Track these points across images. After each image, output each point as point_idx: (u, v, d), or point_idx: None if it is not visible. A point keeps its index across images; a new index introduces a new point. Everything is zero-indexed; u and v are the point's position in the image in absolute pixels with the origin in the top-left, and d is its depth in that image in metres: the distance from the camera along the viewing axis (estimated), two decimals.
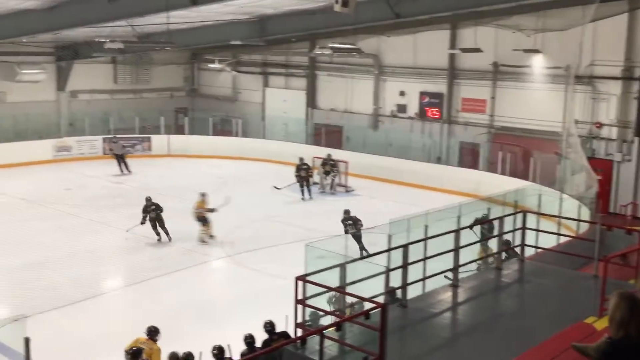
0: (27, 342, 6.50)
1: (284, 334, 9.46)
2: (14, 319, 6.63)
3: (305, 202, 23.30)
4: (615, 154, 22.54)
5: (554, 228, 15.01)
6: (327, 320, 8.84)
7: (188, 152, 31.23)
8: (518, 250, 11.93)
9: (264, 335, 9.50)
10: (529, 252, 12.15)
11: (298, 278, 8.35)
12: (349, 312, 9.19)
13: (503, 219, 11.78)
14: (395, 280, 9.69)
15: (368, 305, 7.85)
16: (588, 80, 22.88)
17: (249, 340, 9.36)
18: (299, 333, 8.34)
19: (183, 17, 20.94)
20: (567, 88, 23.09)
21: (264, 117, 33.43)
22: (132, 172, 27.26)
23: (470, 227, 12.40)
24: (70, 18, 19.26)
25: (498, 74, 25.46)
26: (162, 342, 10.19)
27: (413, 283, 9.89)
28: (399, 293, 9.76)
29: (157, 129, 32.04)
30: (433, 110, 27.64)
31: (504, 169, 24.28)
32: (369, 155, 27.82)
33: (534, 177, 22.71)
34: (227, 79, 35.08)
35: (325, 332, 7.29)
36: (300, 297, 8.34)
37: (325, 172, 25.13)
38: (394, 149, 27.98)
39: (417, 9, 22.07)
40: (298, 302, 8.34)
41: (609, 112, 22.81)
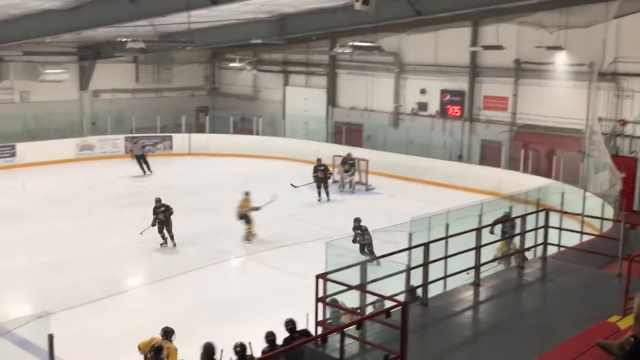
0: (50, 338, 6.56)
1: (305, 332, 9.47)
2: (38, 316, 6.69)
3: (322, 202, 23.17)
4: None
5: (577, 226, 14.87)
6: (348, 318, 8.85)
7: (209, 150, 31.37)
8: (540, 249, 11.82)
9: (285, 334, 9.52)
10: (552, 250, 12.05)
11: (319, 276, 8.36)
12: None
13: (525, 217, 11.70)
14: (416, 279, 9.66)
15: (389, 304, 7.84)
16: (611, 77, 22.65)
17: (270, 338, 9.37)
18: (320, 331, 8.35)
19: (203, 16, 21.03)
20: (590, 85, 22.89)
21: (285, 115, 33.47)
22: (152, 172, 27.33)
23: (491, 230, 12.28)
24: (93, 18, 19.41)
25: (520, 72, 25.27)
26: (183, 339, 10.24)
27: (434, 282, 9.85)
28: (420, 291, 9.74)
29: (178, 128, 32.24)
30: (454, 108, 27.52)
31: (526, 167, 24.11)
32: (390, 154, 27.77)
33: (557, 175, 22.50)
34: (247, 78, 35.18)
35: (346, 330, 7.28)
36: (321, 295, 8.34)
37: (345, 170, 25.13)
38: (415, 147, 27.89)
39: (438, 7, 21.96)
40: (319, 300, 8.35)
41: (633, 109, 22.57)
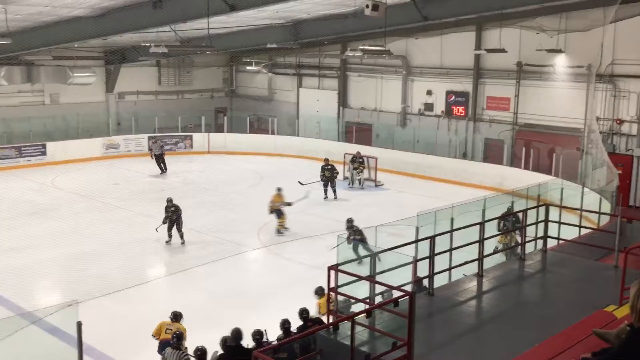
0: (79, 325, 6.61)
1: (318, 321, 9.48)
2: (68, 305, 6.74)
3: (329, 201, 22.71)
4: (636, 149, 22.16)
5: (576, 221, 14.78)
6: (358, 308, 8.85)
7: (227, 149, 31.47)
8: (541, 242, 11.77)
9: (299, 322, 9.54)
10: (552, 243, 12.00)
11: (330, 267, 8.36)
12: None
13: (526, 212, 11.65)
14: (423, 270, 9.66)
15: (397, 294, 7.84)
16: (609, 79, 22.53)
17: (286, 326, 9.39)
18: (332, 319, 8.37)
19: (222, 22, 21.08)
20: (588, 86, 22.76)
21: (298, 115, 33.46)
22: (166, 171, 26.98)
23: (500, 226, 12.16)
24: (118, 24, 19.47)
25: (522, 73, 25.14)
26: (203, 326, 10.30)
27: (439, 273, 9.84)
28: (426, 282, 9.74)
29: (198, 128, 32.33)
30: (459, 109, 27.43)
31: (528, 164, 24.00)
32: (398, 152, 27.73)
33: (557, 171, 22.41)
34: (263, 80, 35.20)
35: (356, 318, 7.29)
36: (333, 285, 8.35)
37: (355, 168, 25.12)
38: (421, 146, 27.84)
39: (444, 12, 21.89)
40: (330, 290, 8.36)
41: (630, 109, 22.41)
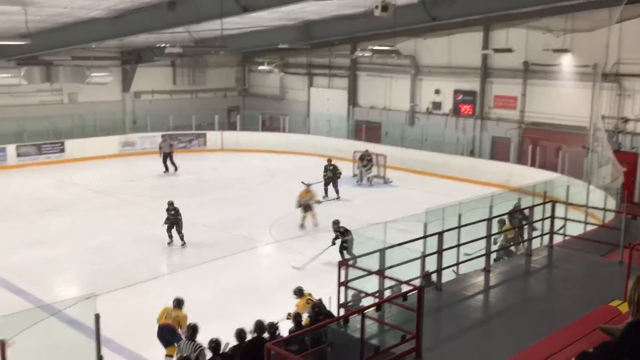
0: (97, 318, 6.65)
1: (329, 314, 9.50)
2: (86, 297, 6.78)
3: (330, 201, 21.88)
4: None
5: (582, 217, 14.71)
6: (368, 301, 8.85)
7: (239, 146, 31.53)
8: (547, 238, 11.73)
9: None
10: (558, 239, 11.95)
11: (341, 262, 8.37)
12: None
13: (533, 209, 11.61)
14: (431, 265, 9.65)
15: (406, 288, 7.84)
16: (614, 78, 22.39)
17: (298, 319, 9.42)
18: (342, 313, 8.38)
19: (235, 23, 21.07)
20: (594, 85, 22.64)
21: (309, 114, 33.47)
22: (168, 169, 26.61)
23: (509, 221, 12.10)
24: (134, 25, 19.53)
25: (528, 73, 25.02)
26: (217, 319, 10.34)
27: (447, 268, 9.83)
28: (434, 277, 9.72)
29: (211, 126, 32.40)
30: (466, 107, 27.34)
31: (534, 162, 23.88)
32: (406, 150, 27.70)
33: (563, 169, 22.30)
34: (275, 80, 35.22)
35: (366, 312, 7.30)
36: (343, 279, 8.36)
37: (363, 165, 25.10)
38: (430, 144, 27.78)
39: (452, 12, 21.79)
40: (341, 284, 8.37)
41: (634, 107, 22.26)
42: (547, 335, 7.59)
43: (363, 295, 8.92)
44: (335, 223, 15.58)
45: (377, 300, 8.56)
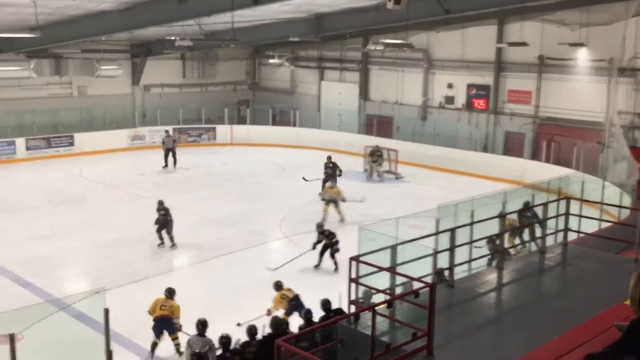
0: (106, 312, 6.68)
1: (339, 311, 9.49)
2: (95, 292, 6.81)
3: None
4: None
5: (596, 214, 14.62)
6: (378, 298, 8.84)
7: (249, 140, 31.56)
8: (561, 235, 11.65)
9: (321, 312, 9.55)
10: (572, 236, 11.88)
11: (352, 258, 8.36)
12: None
13: (547, 205, 11.54)
14: (443, 262, 9.62)
15: (417, 285, 7.82)
16: (630, 72, 22.21)
17: (308, 316, 9.42)
18: (353, 309, 8.37)
19: (246, 16, 21.08)
20: (610, 80, 22.48)
21: (320, 108, 33.45)
22: (167, 165, 26.44)
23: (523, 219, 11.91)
24: (144, 18, 19.58)
25: (543, 67, 24.86)
26: (225, 314, 10.35)
27: (460, 264, 9.80)
28: (447, 274, 9.70)
29: (221, 120, 32.45)
30: (480, 102, 27.22)
31: (548, 158, 23.77)
32: (418, 145, 27.63)
33: (577, 165, 22.18)
34: (285, 73, 35.21)
35: (377, 309, 7.29)
36: (354, 276, 8.35)
37: (373, 161, 25.05)
38: (442, 139, 27.70)
39: (465, 5, 21.69)
40: (352, 280, 8.36)
41: None
42: (560, 334, 7.55)
43: (374, 292, 8.91)
44: (319, 226, 15.42)
45: (388, 297, 8.54)
